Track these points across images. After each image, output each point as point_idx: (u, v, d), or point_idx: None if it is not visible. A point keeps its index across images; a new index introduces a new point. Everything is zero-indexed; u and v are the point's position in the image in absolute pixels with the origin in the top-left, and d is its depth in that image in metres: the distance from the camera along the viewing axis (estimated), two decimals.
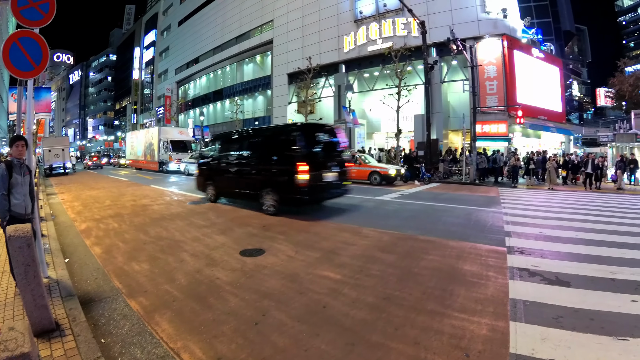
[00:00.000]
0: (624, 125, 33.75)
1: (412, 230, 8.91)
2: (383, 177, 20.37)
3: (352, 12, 37.77)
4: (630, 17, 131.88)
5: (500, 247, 7.42)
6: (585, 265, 6.40)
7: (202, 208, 12.16)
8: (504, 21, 32.40)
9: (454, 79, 33.37)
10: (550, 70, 37.40)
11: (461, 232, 8.78)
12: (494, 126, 31.06)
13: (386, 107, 29.87)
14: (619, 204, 15.46)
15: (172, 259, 6.59)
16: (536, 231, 9.10)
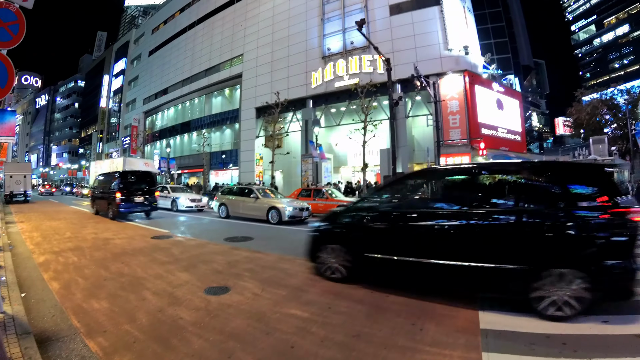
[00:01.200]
0: (583, 152, 35.06)
1: None
2: None
3: (320, 49, 38.79)
4: (585, 49, 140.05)
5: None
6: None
7: (165, 243, 11.76)
8: (466, 58, 33.69)
9: (419, 113, 34.48)
10: (510, 103, 38.83)
11: None
12: (457, 158, 31.66)
13: (353, 141, 30.48)
14: None
15: (134, 297, 6.34)
16: None
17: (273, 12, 44.13)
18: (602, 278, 5.00)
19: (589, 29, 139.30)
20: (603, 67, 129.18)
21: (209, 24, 52.77)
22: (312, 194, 21.69)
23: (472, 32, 37.17)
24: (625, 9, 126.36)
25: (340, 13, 38.49)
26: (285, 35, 41.88)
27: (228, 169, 45.79)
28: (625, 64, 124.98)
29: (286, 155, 37.24)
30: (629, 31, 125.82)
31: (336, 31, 38.20)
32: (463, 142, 31.57)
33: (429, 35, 34.30)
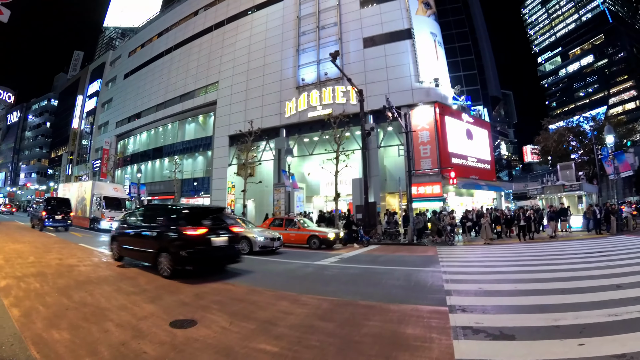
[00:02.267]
0: (551, 178, 35.96)
1: (352, 295, 8.77)
2: (322, 240, 20.17)
3: (295, 79, 39.44)
4: (551, 79, 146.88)
5: (442, 306, 7.44)
6: (528, 315, 6.64)
7: (132, 272, 11.37)
8: (436, 90, 34.66)
9: (390, 144, 35.31)
10: (479, 133, 39.79)
11: (402, 295, 8.81)
12: (428, 187, 32.51)
13: (325, 171, 30.67)
14: (553, 251, 16.57)
15: (96, 328, 6.02)
16: (476, 287, 9.36)
17: (250, 42, 44.82)
18: (177, 258, 10.21)
19: (554, 61, 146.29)
20: (569, 96, 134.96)
21: (186, 50, 53.05)
22: (284, 224, 21.66)
23: (442, 64, 38.21)
24: (589, 40, 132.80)
25: (315, 44, 39.50)
26: (261, 64, 42.47)
27: (199, 197, 45.30)
28: (590, 92, 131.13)
29: (258, 184, 37.31)
30: (594, 61, 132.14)
31: (311, 62, 39.05)
32: (434, 172, 32.26)
33: (401, 68, 35.35)
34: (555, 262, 13.14)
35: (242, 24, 46.94)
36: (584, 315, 6.44)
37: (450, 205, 32.79)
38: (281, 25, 43.01)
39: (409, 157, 27.77)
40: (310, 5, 41.89)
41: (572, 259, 13.79)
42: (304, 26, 41.22)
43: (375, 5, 39.33)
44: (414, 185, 29.26)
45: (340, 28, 39.17)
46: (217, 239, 10.91)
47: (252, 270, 12.44)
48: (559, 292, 8.27)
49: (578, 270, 11.33)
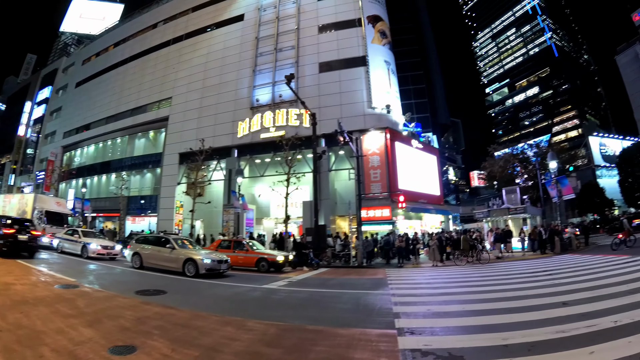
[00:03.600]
0: (496, 201, 37.00)
1: (300, 320, 8.56)
2: (271, 263, 19.67)
3: (249, 99, 39.37)
4: (498, 109, 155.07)
5: (391, 329, 7.32)
6: (476, 336, 6.63)
7: (71, 293, 10.64)
8: (388, 116, 35.41)
9: (341, 167, 35.61)
10: (428, 159, 40.84)
11: (350, 318, 8.67)
12: (378, 211, 32.90)
13: (276, 193, 30.49)
14: (499, 272, 16.92)
15: (30, 353, 5.61)
16: (424, 309, 9.33)
17: (207, 59, 44.48)
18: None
19: (502, 91, 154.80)
20: (514, 125, 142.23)
21: (141, 63, 51.70)
22: (232, 246, 21.05)
23: (394, 92, 39.16)
24: (536, 72, 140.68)
25: (272, 66, 39.72)
26: (217, 82, 42.13)
27: (146, 216, 43.80)
28: (535, 121, 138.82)
29: (207, 205, 36.46)
30: (539, 92, 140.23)
31: (266, 83, 39.15)
32: (384, 196, 32.64)
33: (354, 94, 36.02)
34: (502, 282, 13.43)
35: (201, 41, 46.62)
36: (532, 333, 6.52)
37: (400, 229, 33.27)
38: (239, 45, 43.05)
39: (359, 180, 27.85)
40: (269, 27, 42.25)
41: (518, 279, 14.14)
42: (262, 47, 41.39)
43: (333, 32, 40.14)
44: (364, 208, 29.46)
45: (297, 51, 39.60)
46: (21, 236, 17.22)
47: (198, 294, 12.15)
48: (507, 312, 8.40)
49: (525, 289, 11.57)
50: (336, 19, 40.69)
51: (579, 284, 11.72)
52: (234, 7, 46.04)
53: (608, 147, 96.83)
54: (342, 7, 41.06)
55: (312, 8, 42.01)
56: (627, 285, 10.54)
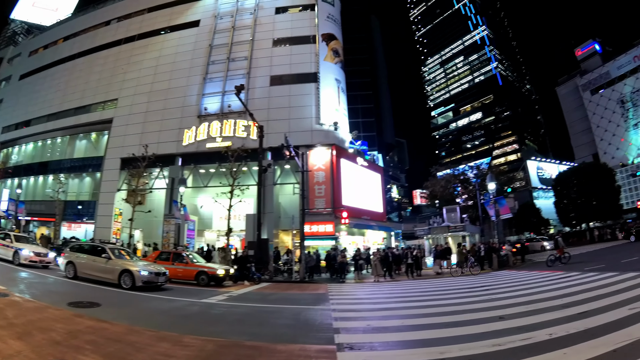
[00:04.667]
0: (437, 219, 37.59)
1: (238, 335, 8.23)
2: (211, 277, 18.84)
3: (197, 107, 38.19)
4: (442, 132, 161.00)
5: (330, 345, 7.14)
6: (415, 350, 6.58)
7: (0, 303, 9.82)
8: (335, 133, 35.46)
9: (286, 181, 35.32)
10: (373, 177, 41.17)
11: (290, 334, 8.47)
12: (321, 226, 32.70)
13: (219, 205, 29.55)
14: (439, 287, 17.09)
15: None
16: (364, 324, 9.19)
17: (157, 62, 42.93)
18: None
19: (446, 115, 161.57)
20: (457, 147, 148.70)
21: (90, 60, 48.90)
22: (172, 258, 19.89)
23: (343, 110, 39.36)
24: (480, 99, 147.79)
25: (223, 75, 38.92)
26: (165, 87, 40.68)
27: (83, 222, 41.23)
28: (477, 144, 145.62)
29: (147, 214, 34.28)
30: (482, 117, 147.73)
31: (216, 92, 38.23)
32: (327, 211, 32.54)
33: (303, 109, 35.94)
34: (441, 297, 13.54)
35: (153, 43, 45.08)
36: (469, 347, 6.47)
37: (343, 244, 33.15)
38: (192, 51, 41.91)
39: (304, 195, 27.58)
40: (224, 35, 41.45)
41: (457, 294, 14.30)
42: (215, 55, 40.53)
43: (287, 46, 40.06)
44: (308, 223, 29.19)
45: (250, 63, 39.09)
46: None
47: (133, 308, 11.49)
48: (445, 326, 8.36)
49: (463, 304, 11.68)
50: (291, 34, 40.67)
51: (515, 298, 11.98)
52: (191, 12, 44.90)
53: (545, 171, 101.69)
54: (298, 22, 41.15)
55: (269, 21, 41.77)
56: (562, 300, 10.81)
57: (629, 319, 7.66)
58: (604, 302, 9.70)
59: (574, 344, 6.20)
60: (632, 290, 10.90)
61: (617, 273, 15.36)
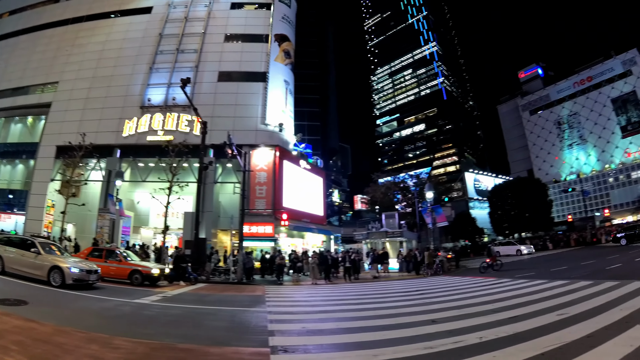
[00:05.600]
0: (376, 225, 37.93)
1: (171, 338, 7.74)
2: (145, 276, 17.82)
3: (140, 98, 36.44)
4: (386, 140, 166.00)
5: (264, 348, 6.94)
6: (349, 353, 6.46)
7: None
8: (280, 134, 35.20)
9: (228, 180, 34.44)
10: (315, 180, 41.20)
11: (224, 337, 8.18)
12: (261, 227, 32.30)
13: (157, 201, 28.16)
14: (376, 291, 17.14)
15: None
16: (300, 327, 9.04)
17: (103, 47, 40.62)
18: None
19: (391, 124, 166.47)
20: (399, 156, 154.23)
21: (34, 38, 45.36)
22: (104, 255, 18.75)
23: (289, 112, 39.33)
24: (424, 111, 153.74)
25: (170, 67, 37.49)
26: (109, 74, 38.45)
27: (13, 213, 37.65)
28: (418, 154, 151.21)
29: (81, 207, 31.25)
30: (425, 129, 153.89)
31: (161, 84, 36.73)
32: (267, 212, 32.22)
33: (249, 108, 35.44)
34: (377, 301, 13.54)
35: (101, 26, 42.65)
36: (402, 349, 6.49)
37: (282, 246, 32.84)
38: (141, 39, 40.09)
39: (244, 195, 27.14)
40: (176, 26, 40.03)
41: (392, 298, 14.40)
42: (164, 45, 39.01)
43: (239, 43, 39.40)
44: (247, 224, 28.75)
45: (199, 56, 38.00)
46: None
47: (63, 307, 10.63)
48: (380, 329, 8.31)
49: (398, 307, 11.72)
50: (245, 31, 40.02)
51: (448, 303, 12.19)
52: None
53: (481, 183, 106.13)
54: (253, 20, 40.59)
55: (224, 15, 40.89)
56: (492, 305, 11.08)
57: (557, 324, 7.89)
58: (533, 308, 9.97)
59: (503, 347, 6.30)
60: (560, 297, 11.28)
61: (547, 281, 15.93)
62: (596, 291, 11.72)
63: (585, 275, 16.47)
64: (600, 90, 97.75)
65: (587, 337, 6.56)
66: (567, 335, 6.81)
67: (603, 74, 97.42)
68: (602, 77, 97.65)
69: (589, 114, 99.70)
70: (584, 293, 11.61)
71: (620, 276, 14.43)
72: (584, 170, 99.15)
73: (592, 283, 13.56)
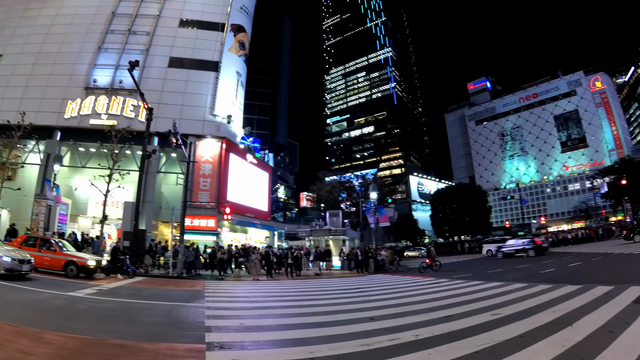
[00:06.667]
0: (320, 222, 38.14)
1: (105, 333, 7.40)
2: (81, 268, 16.82)
3: (86, 78, 34.24)
4: (334, 139, 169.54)
5: (200, 344, 6.69)
6: (286, 350, 6.36)
7: None
8: (228, 126, 34.68)
9: (171, 170, 33.59)
10: (261, 175, 41.02)
11: (160, 332, 7.82)
12: (203, 221, 31.76)
13: (97, 188, 26.41)
14: (316, 288, 17.15)
15: None
16: (237, 323, 8.88)
17: (53, 21, 37.80)
18: None
19: (341, 124, 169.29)
20: (347, 156, 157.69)
21: None
22: (39, 244, 17.72)
23: (239, 104, 38.76)
24: (374, 114, 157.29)
25: (120, 47, 35.73)
26: (56, 50, 35.88)
27: None
28: (365, 155, 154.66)
29: (17, 192, 28.37)
30: (373, 131, 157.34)
31: (109, 65, 34.87)
32: (211, 205, 31.77)
33: (199, 97, 34.63)
34: (317, 298, 13.56)
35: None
36: (339, 346, 6.43)
37: (224, 240, 32.40)
38: (92, 16, 37.64)
39: (187, 187, 26.20)
40: (130, 5, 38.04)
41: (332, 295, 14.46)
42: (116, 25, 37.02)
43: (193, 29, 38.15)
44: (189, 217, 28.13)
45: (151, 39, 36.43)
46: None
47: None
48: (318, 326, 8.27)
49: (337, 304, 11.77)
50: (201, 17, 38.77)
51: (387, 301, 12.25)
52: None
53: (425, 186, 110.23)
54: (211, 7, 39.35)
55: None
56: (429, 304, 11.21)
57: (491, 323, 8.02)
58: (469, 308, 10.13)
59: (438, 345, 6.35)
60: (495, 298, 11.56)
61: (483, 282, 16.34)
62: (530, 293, 12.00)
63: (520, 277, 16.88)
64: (544, 106, 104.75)
65: (520, 337, 6.70)
66: (500, 334, 6.95)
67: (548, 91, 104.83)
68: (547, 95, 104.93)
69: (532, 128, 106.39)
70: (518, 295, 11.89)
71: (554, 280, 14.83)
72: (523, 180, 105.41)
73: (526, 285, 13.88)
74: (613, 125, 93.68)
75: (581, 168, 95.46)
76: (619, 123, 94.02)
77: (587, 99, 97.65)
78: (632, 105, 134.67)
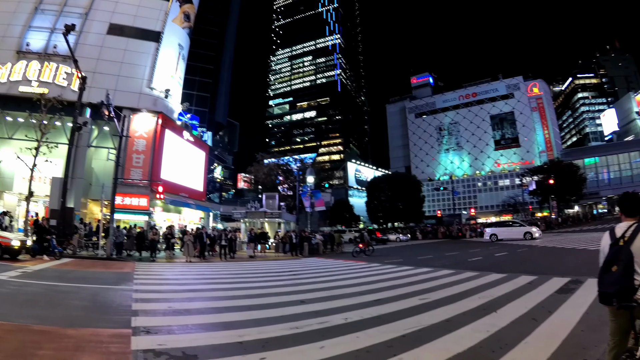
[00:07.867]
0: (256, 204, 38.13)
1: (26, 318, 6.93)
2: (4, 249, 15.87)
3: (19, 40, 31.19)
4: (276, 122, 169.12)
5: (126, 329, 6.44)
6: (214, 333, 6.26)
7: None
8: (165, 101, 33.53)
9: (102, 145, 31.26)
10: (197, 154, 40.18)
11: (83, 317, 7.38)
12: (135, 199, 30.41)
13: (23, 162, 24.75)
14: (249, 270, 17.13)
15: None
16: (165, 306, 8.67)
17: None
18: None
19: (283, 107, 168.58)
20: (287, 139, 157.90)
21: None
22: None
23: (178, 78, 37.49)
24: (317, 99, 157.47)
25: (58, 9, 32.58)
26: None
27: None
28: (306, 140, 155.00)
29: None
30: (315, 116, 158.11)
31: (45, 27, 31.84)
32: (144, 183, 30.28)
33: (136, 68, 33.07)
34: (249, 281, 13.47)
35: None
36: (267, 330, 6.41)
37: (157, 220, 31.56)
38: None
39: (119, 163, 25.13)
40: None
41: (265, 278, 14.46)
42: None
43: None
44: (120, 195, 27.13)
45: (92, 2, 33.54)
46: None
47: None
48: (248, 309, 8.20)
49: (268, 287, 11.76)
50: None
51: (318, 284, 12.38)
52: None
53: (362, 174, 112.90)
54: None
55: None
56: (360, 287, 11.39)
57: (418, 308, 8.20)
58: (398, 292, 10.29)
59: (366, 329, 6.43)
60: (424, 283, 11.85)
61: (413, 267, 16.82)
62: (457, 280, 12.29)
63: (449, 265, 17.24)
64: (482, 106, 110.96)
65: (446, 322, 6.82)
66: (428, 318, 7.08)
67: (488, 92, 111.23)
68: (486, 95, 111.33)
69: (469, 125, 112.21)
70: (446, 281, 12.20)
71: (480, 268, 15.23)
72: (456, 173, 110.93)
73: (454, 272, 14.20)
74: (546, 129, 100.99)
75: (512, 166, 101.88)
76: (551, 127, 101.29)
77: (523, 102, 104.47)
78: (565, 113, 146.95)
